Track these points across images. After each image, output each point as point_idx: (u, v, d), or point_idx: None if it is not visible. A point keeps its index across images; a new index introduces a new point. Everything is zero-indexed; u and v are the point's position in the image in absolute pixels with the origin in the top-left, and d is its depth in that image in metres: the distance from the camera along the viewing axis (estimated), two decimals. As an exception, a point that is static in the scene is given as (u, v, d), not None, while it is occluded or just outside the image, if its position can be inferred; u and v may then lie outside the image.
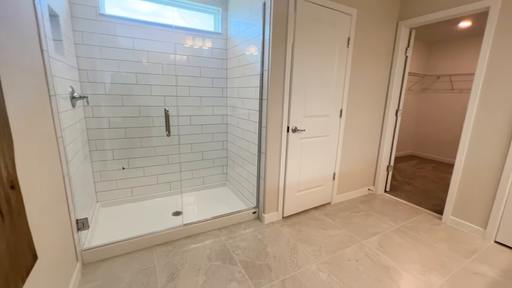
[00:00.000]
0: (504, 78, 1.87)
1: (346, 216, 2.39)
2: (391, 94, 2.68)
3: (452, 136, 4.44)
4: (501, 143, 1.91)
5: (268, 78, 1.95)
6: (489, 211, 2.01)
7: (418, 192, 3.03)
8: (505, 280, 1.58)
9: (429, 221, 2.31)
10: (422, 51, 4.57)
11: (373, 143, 2.81)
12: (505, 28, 1.84)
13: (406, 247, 1.91)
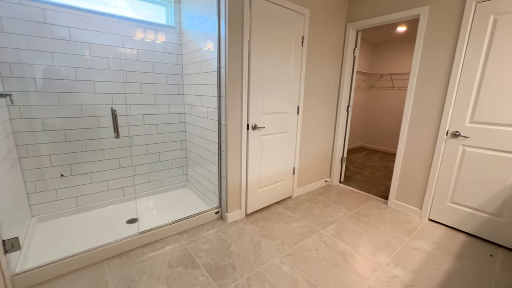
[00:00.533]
0: (431, 76, 2.15)
1: (306, 208, 2.50)
2: (342, 92, 2.88)
3: (394, 128, 4.99)
4: (430, 135, 2.21)
5: (225, 75, 1.91)
6: (423, 194, 2.31)
7: (368, 180, 3.34)
8: (438, 252, 1.84)
9: (377, 206, 2.57)
10: (367, 51, 5.02)
11: (328, 138, 2.99)
12: (431, 33, 2.12)
13: (359, 232, 2.08)
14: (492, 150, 1.90)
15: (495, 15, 1.79)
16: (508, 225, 1.88)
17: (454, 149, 2.08)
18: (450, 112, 2.06)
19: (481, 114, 1.92)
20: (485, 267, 1.69)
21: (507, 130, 1.81)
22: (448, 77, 2.05)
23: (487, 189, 1.95)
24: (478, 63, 1.89)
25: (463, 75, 1.98)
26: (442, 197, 2.20)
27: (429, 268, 1.67)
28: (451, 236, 2.06)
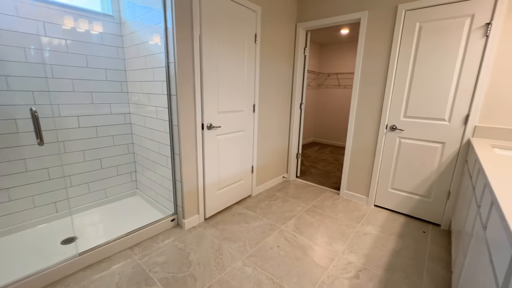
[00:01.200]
0: (372, 76, 2.36)
1: (265, 205, 2.51)
2: (295, 89, 2.97)
3: (342, 124, 5.41)
4: (373, 129, 2.43)
5: (175, 72, 1.77)
6: (369, 183, 2.54)
7: (321, 173, 3.54)
8: (383, 235, 2.04)
9: (331, 197, 2.73)
10: (315, 51, 5.31)
11: (283, 135, 3.06)
12: (371, 36, 2.32)
13: (316, 224, 2.18)
14: (421, 141, 2.18)
15: (420, 23, 2.04)
16: (435, 205, 2.19)
17: (392, 141, 2.34)
18: (388, 108, 2.30)
19: (412, 109, 2.19)
20: (420, 243, 1.94)
21: (431, 123, 2.10)
22: (385, 77, 2.28)
23: (418, 175, 2.24)
24: (409, 64, 2.15)
25: (397, 74, 2.22)
26: (384, 184, 2.45)
27: (377, 250, 1.83)
28: (393, 219, 2.31)
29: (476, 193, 1.24)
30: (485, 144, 1.68)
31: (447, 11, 1.92)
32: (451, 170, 2.07)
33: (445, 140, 2.06)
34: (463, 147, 1.99)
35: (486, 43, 1.80)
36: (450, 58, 1.95)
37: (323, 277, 1.56)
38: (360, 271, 1.62)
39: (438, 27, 1.96)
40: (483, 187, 1.11)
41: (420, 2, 2.01)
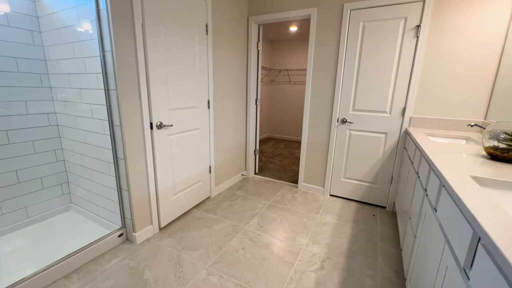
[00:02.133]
0: (323, 73, 2.46)
1: (226, 206, 2.40)
2: (250, 85, 2.91)
3: (295, 118, 5.61)
4: (326, 123, 2.54)
5: (113, 62, 1.50)
6: (324, 174, 2.67)
7: (279, 168, 3.59)
8: (340, 222, 2.16)
9: (290, 191, 2.78)
10: (267, 47, 5.36)
11: (240, 131, 2.98)
12: (321, 33, 2.40)
13: (278, 220, 2.17)
14: (368, 132, 2.37)
15: (364, 22, 2.19)
16: (381, 190, 2.42)
17: (343, 133, 2.48)
18: (338, 102, 2.43)
19: (359, 103, 2.35)
20: (372, 226, 2.11)
21: (375, 115, 2.30)
22: (335, 73, 2.40)
23: (367, 163, 2.44)
24: (355, 61, 2.29)
25: (345, 71, 2.35)
26: (338, 174, 2.60)
27: (337, 239, 1.92)
28: (347, 206, 2.47)
29: (421, 178, 1.38)
30: (420, 133, 1.90)
31: (385, 12, 2.09)
32: (393, 157, 2.30)
33: (387, 131, 2.28)
34: (402, 136, 2.23)
35: (417, 43, 2.03)
36: (389, 56, 2.14)
37: (290, 273, 1.55)
38: (324, 261, 1.66)
39: (379, 27, 2.14)
40: (427, 172, 1.22)
41: (362, 2, 2.15)
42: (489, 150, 1.19)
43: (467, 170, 0.99)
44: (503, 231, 0.56)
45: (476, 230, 0.64)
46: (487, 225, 0.59)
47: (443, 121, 2.06)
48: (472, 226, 0.66)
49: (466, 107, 1.99)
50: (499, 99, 1.79)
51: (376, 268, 1.60)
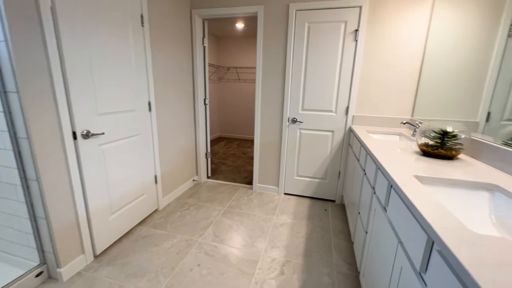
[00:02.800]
0: (272, 72, 2.43)
1: (177, 218, 2.19)
2: (197, 84, 2.71)
3: (246, 117, 5.56)
4: (277, 122, 2.54)
5: (10, 56, 1.14)
6: (278, 173, 2.68)
7: (232, 169, 3.49)
8: (296, 221, 2.19)
9: (245, 193, 2.71)
10: (213, 44, 5.14)
11: (189, 134, 2.76)
12: (268, 32, 2.36)
13: (235, 227, 2.08)
14: (316, 130, 2.46)
15: (309, 23, 2.23)
16: (330, 185, 2.55)
17: (294, 132, 2.52)
18: (288, 102, 2.45)
19: (308, 102, 2.41)
20: (325, 221, 2.20)
21: (323, 114, 2.39)
22: (284, 72, 2.40)
23: (317, 161, 2.53)
24: (302, 61, 2.33)
25: (294, 70, 2.37)
26: (291, 173, 2.64)
27: (294, 239, 1.93)
28: (301, 203, 2.53)
29: (368, 176, 1.46)
30: (362, 130, 2.04)
31: (328, 15, 2.17)
32: (340, 154, 2.44)
33: (333, 129, 2.40)
34: (346, 133, 2.38)
35: (356, 46, 2.16)
36: (333, 57, 2.24)
37: (251, 284, 1.48)
38: (284, 266, 1.64)
39: (323, 28, 2.21)
40: (374, 171, 1.29)
41: (307, 4, 2.18)
42: (422, 147, 1.32)
43: (409, 168, 1.05)
44: (456, 237, 0.58)
45: (430, 236, 0.65)
46: (441, 232, 0.60)
47: (380, 118, 2.27)
48: (426, 232, 0.68)
49: (398, 106, 2.22)
50: (421, 98, 2.04)
51: (331, 265, 1.66)
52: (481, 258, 0.51)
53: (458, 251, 0.53)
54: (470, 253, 0.52)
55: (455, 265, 0.52)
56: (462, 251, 0.53)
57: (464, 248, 0.54)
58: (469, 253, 0.52)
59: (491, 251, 0.53)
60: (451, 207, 0.93)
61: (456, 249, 0.54)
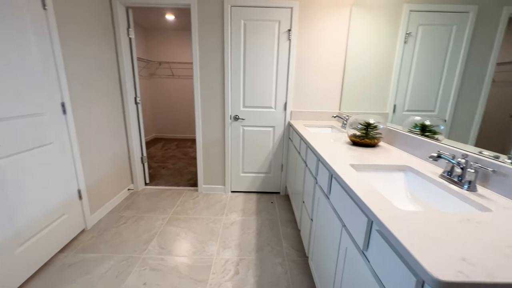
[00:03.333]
0: (211, 68, 2.35)
1: (113, 235, 1.91)
2: (125, 80, 2.39)
3: (184, 115, 5.25)
4: (220, 120, 2.49)
5: None
6: (224, 172, 2.64)
7: (174, 173, 3.26)
8: (245, 218, 2.21)
9: (191, 197, 2.58)
10: (140, 36, 4.63)
11: (119, 137, 2.42)
12: (204, 26, 2.26)
13: (183, 234, 1.95)
14: (259, 127, 2.52)
15: (244, 20, 2.24)
16: (275, 178, 2.67)
17: (237, 129, 2.52)
18: (230, 99, 2.42)
19: (249, 99, 2.43)
20: (272, 213, 2.29)
21: (263, 111, 2.46)
22: (223, 69, 2.35)
23: (261, 156, 2.60)
24: (240, 57, 2.32)
25: (233, 67, 2.35)
26: (237, 170, 2.64)
27: (246, 236, 1.95)
28: (248, 199, 2.57)
29: (309, 168, 1.57)
30: (300, 124, 2.19)
31: (262, 14, 2.22)
32: (281, 147, 2.57)
33: (274, 124, 2.51)
34: (286, 128, 2.51)
35: (290, 46, 2.29)
36: (269, 55, 2.31)
37: (206, 292, 1.42)
38: (238, 265, 1.63)
39: (259, 26, 2.24)
40: (316, 163, 1.40)
41: (241, 0, 2.17)
42: (351, 138, 1.50)
43: (344, 158, 1.18)
44: (389, 216, 0.67)
45: (370, 218, 0.74)
46: (379, 213, 0.68)
47: (315, 113, 2.48)
48: (366, 214, 0.77)
49: (328, 101, 2.47)
50: (346, 94, 2.33)
51: (283, 254, 1.74)
52: (410, 232, 0.60)
53: (394, 228, 0.61)
54: (402, 228, 0.61)
55: (392, 240, 0.60)
56: (396, 228, 0.61)
57: (397, 225, 0.63)
58: (402, 228, 0.61)
59: (417, 224, 0.63)
60: (379, 189, 1.09)
61: (392, 227, 0.62)
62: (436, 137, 1.19)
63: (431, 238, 0.58)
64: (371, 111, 1.82)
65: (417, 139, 1.26)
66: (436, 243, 0.56)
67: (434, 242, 0.56)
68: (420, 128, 1.30)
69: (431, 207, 0.94)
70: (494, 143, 0.91)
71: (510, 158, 0.84)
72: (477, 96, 0.98)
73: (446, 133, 1.13)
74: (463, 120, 1.04)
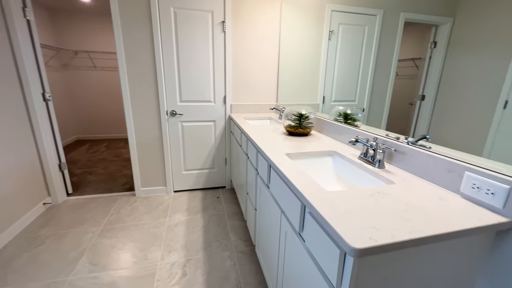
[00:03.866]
0: (140, 60, 2.13)
1: (25, 261, 1.58)
2: (26, 72, 1.95)
3: (112, 112, 4.65)
4: (154, 116, 2.29)
5: None
6: (164, 172, 2.47)
7: (105, 178, 2.88)
8: (191, 217, 2.13)
9: (127, 203, 2.33)
10: (46, 19, 3.83)
11: (23, 143, 1.99)
12: (127, 13, 2.01)
13: (120, 245, 1.76)
14: (198, 122, 2.43)
15: (174, 9, 2.09)
16: (219, 172, 2.65)
17: (176, 126, 2.38)
18: (164, 94, 2.25)
19: (185, 94, 2.31)
20: (219, 208, 2.28)
21: (203, 105, 2.39)
22: (154, 61, 2.16)
23: (203, 152, 2.53)
24: (173, 49, 2.17)
25: (165, 60, 2.18)
26: (178, 169, 2.51)
27: (192, 235, 1.89)
28: (193, 197, 2.48)
29: (250, 159, 1.61)
30: (241, 118, 2.21)
31: (194, 3, 2.10)
32: (224, 142, 2.56)
33: (215, 118, 2.46)
34: (227, 122, 2.50)
35: (225, 38, 2.26)
36: (204, 47, 2.23)
37: (151, 302, 1.32)
38: (185, 266, 1.57)
39: (190, 16, 2.13)
40: (256, 155, 1.44)
41: (169, -14, 2.01)
42: (287, 128, 1.60)
43: (281, 148, 1.25)
44: (318, 198, 0.74)
45: (303, 202, 0.81)
46: (309, 197, 0.75)
47: (254, 106, 2.54)
48: (300, 199, 0.83)
49: (266, 94, 2.56)
50: (282, 87, 2.45)
51: (231, 247, 1.76)
52: (333, 209, 0.68)
53: (320, 208, 0.68)
54: (327, 207, 0.69)
55: (319, 219, 0.66)
56: (322, 208, 0.68)
57: (323, 205, 0.70)
58: (326, 208, 0.68)
59: (339, 202, 0.72)
60: (312, 173, 1.19)
61: (319, 207, 0.69)
62: (356, 124, 1.37)
63: (349, 213, 0.66)
64: (304, 103, 1.96)
65: (341, 126, 1.43)
66: (352, 216, 0.64)
67: (351, 216, 0.65)
68: (343, 117, 1.47)
69: (352, 185, 1.08)
70: (399, 126, 1.09)
71: (406, 138, 1.04)
72: (385, 88, 1.16)
73: (364, 120, 1.31)
74: (376, 108, 1.23)
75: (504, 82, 0.68)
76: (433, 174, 0.87)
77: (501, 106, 0.70)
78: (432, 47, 0.91)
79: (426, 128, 0.95)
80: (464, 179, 0.76)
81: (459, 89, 0.82)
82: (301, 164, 1.21)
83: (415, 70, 0.99)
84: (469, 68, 0.78)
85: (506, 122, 0.69)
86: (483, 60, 0.74)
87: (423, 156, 0.91)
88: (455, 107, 0.84)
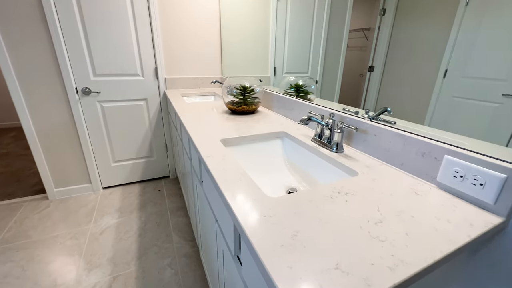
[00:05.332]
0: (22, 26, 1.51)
1: None
2: None
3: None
4: (59, 97, 1.73)
5: None
6: (86, 166, 1.98)
7: (5, 179, 2.23)
8: (123, 218, 1.75)
9: (35, 210, 1.82)
10: None
11: None
12: None
13: (17, 272, 1.32)
14: (124, 101, 1.95)
15: None
16: (160, 161, 2.25)
17: (92, 107, 1.86)
18: (69, 66, 1.69)
19: (100, 65, 1.78)
20: (160, 204, 1.94)
21: (127, 80, 1.89)
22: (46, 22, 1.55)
23: (136, 138, 2.08)
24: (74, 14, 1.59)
25: (62, 21, 1.59)
26: (105, 160, 2.03)
27: (123, 242, 1.54)
28: (128, 192, 2.07)
29: (185, 146, 1.28)
30: (177, 95, 1.81)
31: None
32: (161, 124, 2.13)
33: (146, 96, 2.00)
34: (162, 99, 2.06)
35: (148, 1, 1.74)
36: (119, 6, 1.69)
37: None
38: (111, 286, 1.24)
39: (90, -46, 1.55)
40: (188, 143, 1.12)
41: None
42: (229, 106, 1.29)
43: (217, 133, 0.95)
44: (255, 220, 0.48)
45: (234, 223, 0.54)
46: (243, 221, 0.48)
47: (194, 79, 2.13)
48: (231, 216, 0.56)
49: (209, 65, 2.16)
50: (226, 58, 2.08)
51: (173, 251, 1.47)
52: (275, 236, 0.42)
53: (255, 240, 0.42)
54: (264, 236, 0.43)
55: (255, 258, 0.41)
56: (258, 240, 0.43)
57: (259, 232, 0.44)
58: (264, 237, 0.43)
59: (285, 218, 0.46)
60: (255, 165, 0.93)
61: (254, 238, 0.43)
62: (309, 97, 1.14)
63: (300, 240, 0.42)
64: (254, 75, 1.65)
65: (291, 100, 1.18)
66: (306, 248, 0.40)
67: (304, 246, 0.40)
68: (295, 89, 1.22)
69: (307, 175, 0.86)
70: (350, 99, 0.92)
71: (366, 113, 0.83)
72: (337, 59, 0.96)
73: (318, 93, 1.08)
74: (330, 80, 1.01)
75: (445, 51, 0.60)
76: (402, 158, 0.68)
77: (441, 75, 0.62)
78: (381, 14, 0.76)
79: (375, 100, 0.82)
80: (443, 164, 0.58)
81: (404, 59, 0.71)
82: (241, 152, 0.93)
83: (365, 41, 0.83)
84: (414, 37, 0.68)
85: (445, 90, 0.61)
86: (428, 28, 0.64)
87: (389, 134, 0.71)
88: (400, 78, 0.73)
